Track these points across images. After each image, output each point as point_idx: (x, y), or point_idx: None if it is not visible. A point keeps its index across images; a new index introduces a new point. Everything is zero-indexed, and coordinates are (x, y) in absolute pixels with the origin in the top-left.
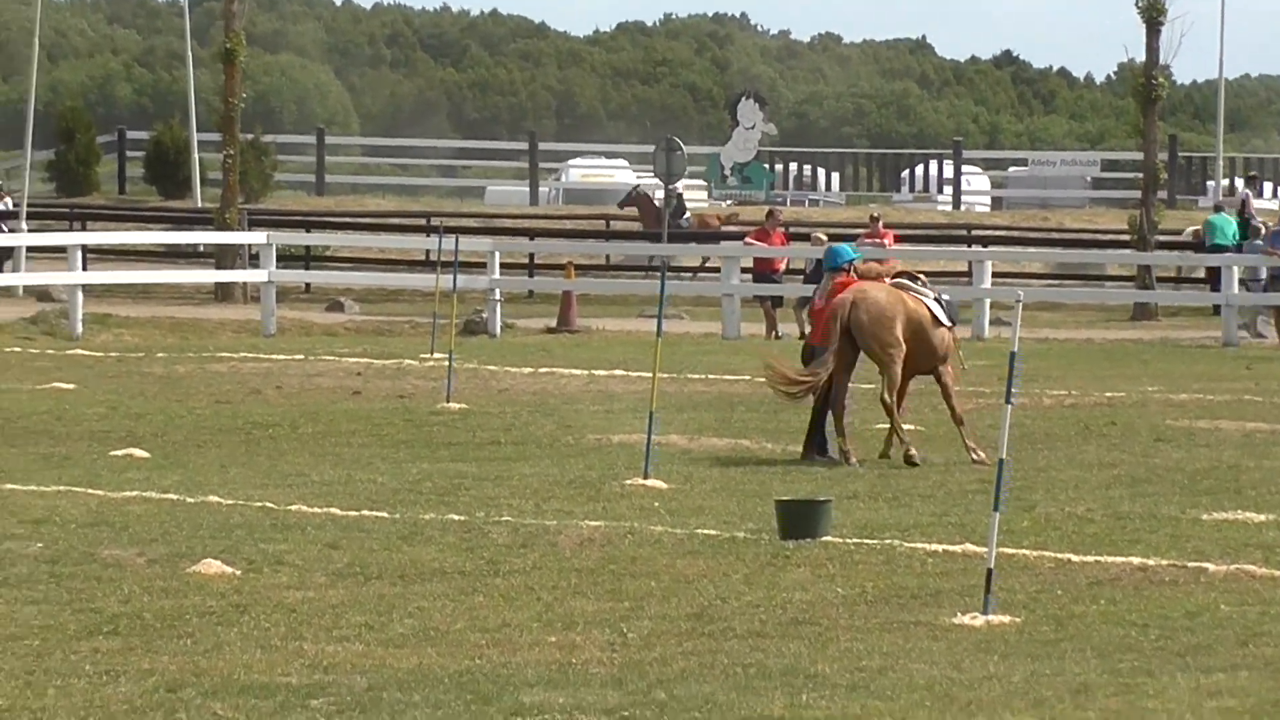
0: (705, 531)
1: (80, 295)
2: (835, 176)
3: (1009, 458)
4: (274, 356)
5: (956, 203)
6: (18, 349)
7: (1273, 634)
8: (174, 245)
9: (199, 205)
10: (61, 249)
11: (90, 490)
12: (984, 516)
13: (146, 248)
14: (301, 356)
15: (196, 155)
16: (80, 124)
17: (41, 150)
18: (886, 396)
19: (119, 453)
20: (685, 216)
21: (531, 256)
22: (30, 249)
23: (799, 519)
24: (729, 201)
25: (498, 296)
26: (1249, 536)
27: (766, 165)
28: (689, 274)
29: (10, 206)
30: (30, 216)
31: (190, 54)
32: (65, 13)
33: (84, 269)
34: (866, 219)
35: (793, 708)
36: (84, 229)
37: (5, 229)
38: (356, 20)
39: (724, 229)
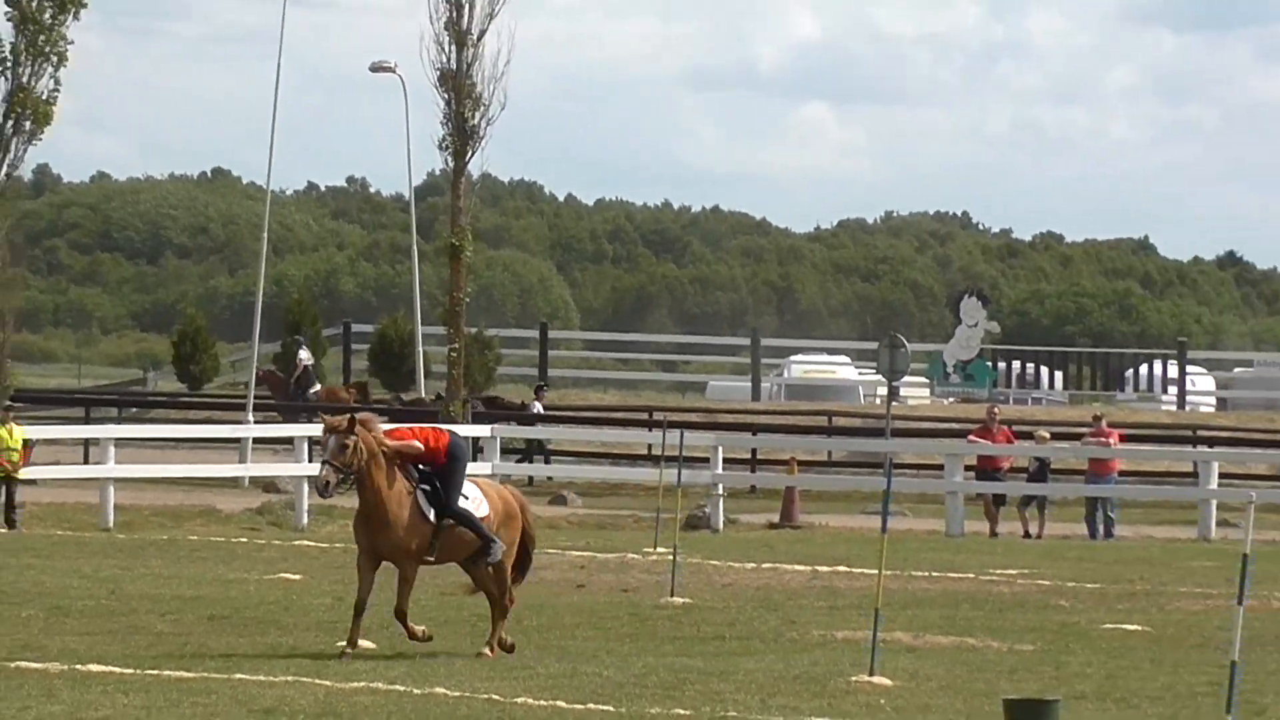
0: None
1: (306, 486)
2: (1058, 375)
3: (1240, 660)
4: None
5: (1181, 403)
6: (244, 539)
7: None
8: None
9: (423, 397)
10: (287, 440)
11: (318, 680)
12: None
13: None
14: None
15: (421, 348)
16: (306, 317)
17: (268, 342)
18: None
19: (342, 643)
20: (314, 390)
21: (754, 452)
22: (256, 440)
23: (1028, 719)
24: (951, 399)
25: (720, 491)
26: None
27: (989, 363)
28: None
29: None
30: (256, 408)
31: (415, 249)
32: (290, 208)
33: (310, 460)
34: (1089, 418)
35: None
36: (309, 421)
37: None
38: (579, 216)
39: (353, 401)
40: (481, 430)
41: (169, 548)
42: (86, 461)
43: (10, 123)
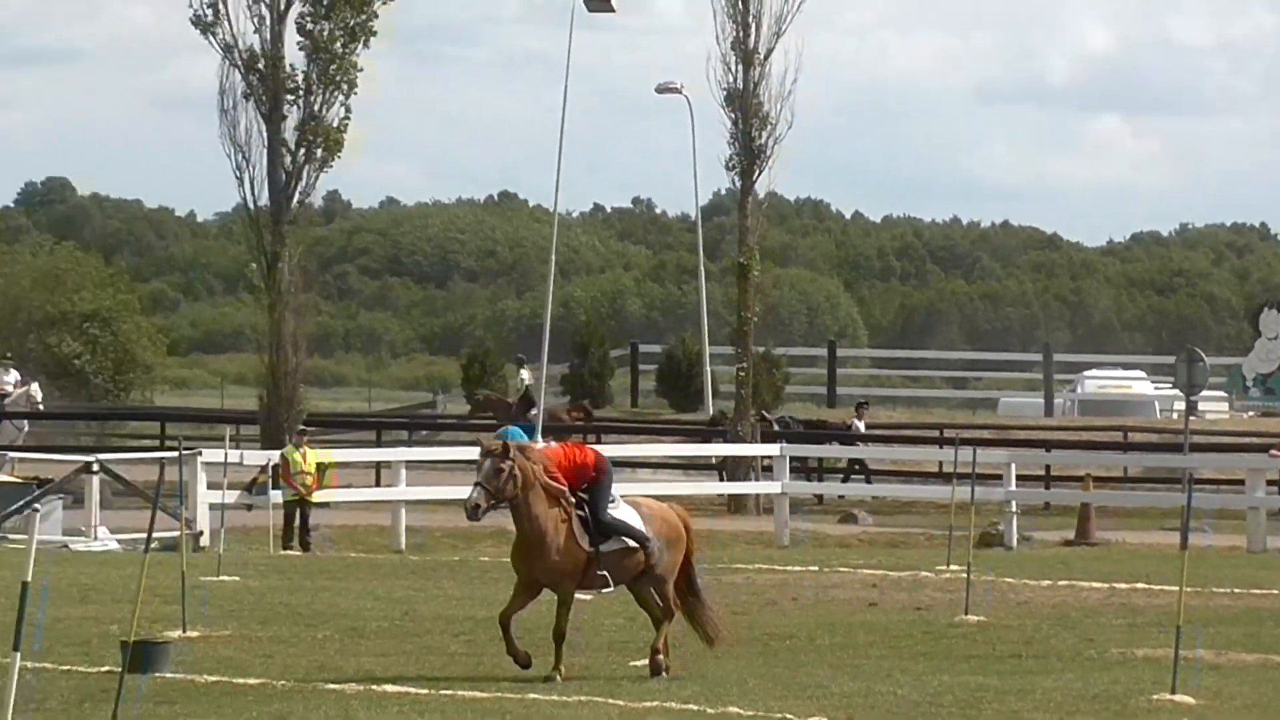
0: None
1: None
2: None
3: None
4: (789, 568)
5: None
6: None
7: None
8: (687, 457)
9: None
10: None
11: (611, 700)
12: None
13: (660, 460)
14: (816, 568)
15: (709, 368)
16: (594, 338)
17: (556, 364)
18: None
19: (639, 663)
20: (534, 411)
21: (1048, 468)
22: None
23: None
24: (1251, 413)
25: (1014, 508)
26: None
27: None
28: None
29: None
30: (545, 431)
31: (702, 268)
32: (577, 230)
33: None
34: None
35: None
36: (599, 441)
37: None
38: (866, 233)
39: (575, 422)
40: (771, 449)
41: (460, 569)
42: (378, 484)
43: (303, 151)
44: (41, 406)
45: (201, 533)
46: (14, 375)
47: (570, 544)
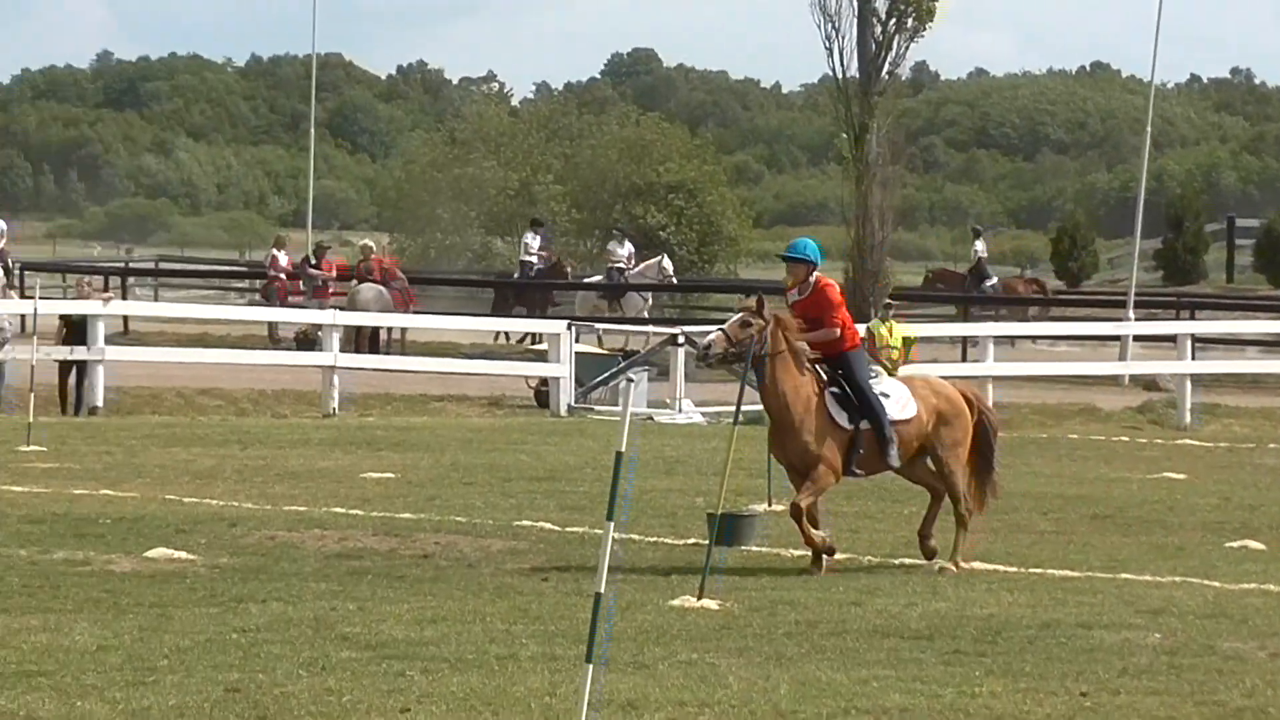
0: None
1: (1189, 385)
2: None
3: None
4: None
5: None
6: (1125, 438)
7: None
8: None
9: None
10: (1170, 338)
11: (1206, 581)
12: None
13: (1256, 337)
14: None
15: None
16: (1189, 212)
17: (1148, 239)
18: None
19: (1234, 544)
20: (990, 282)
21: None
22: (1137, 337)
23: None
24: None
25: None
26: None
27: None
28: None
29: None
30: (1137, 305)
31: None
32: (1172, 100)
33: (1193, 358)
34: None
35: None
36: (1192, 318)
37: None
38: None
39: (1032, 294)
40: None
41: (1048, 446)
42: (964, 359)
43: (893, 21)
44: (674, 280)
45: None
46: (628, 248)
47: (825, 423)
